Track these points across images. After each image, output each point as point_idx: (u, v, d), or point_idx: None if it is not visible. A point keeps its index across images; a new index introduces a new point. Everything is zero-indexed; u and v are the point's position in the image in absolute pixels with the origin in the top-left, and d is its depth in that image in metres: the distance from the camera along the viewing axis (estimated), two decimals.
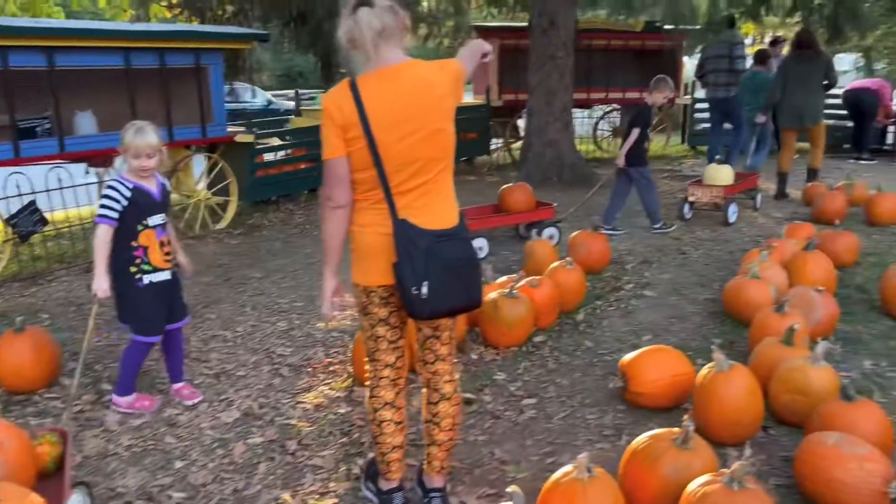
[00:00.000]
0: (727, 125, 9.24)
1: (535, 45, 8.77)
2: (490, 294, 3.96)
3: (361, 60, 2.17)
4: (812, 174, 7.83)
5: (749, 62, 9.25)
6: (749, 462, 2.14)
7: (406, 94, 2.16)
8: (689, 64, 12.70)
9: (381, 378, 2.43)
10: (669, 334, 4.11)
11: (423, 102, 2.18)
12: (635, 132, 6.19)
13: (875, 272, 4.92)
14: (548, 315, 4.14)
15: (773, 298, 3.92)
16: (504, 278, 4.45)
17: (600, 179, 6.99)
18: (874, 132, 10.91)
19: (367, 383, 2.48)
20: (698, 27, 7.07)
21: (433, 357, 2.42)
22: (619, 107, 12.13)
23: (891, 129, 11.01)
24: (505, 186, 6.27)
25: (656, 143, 12.83)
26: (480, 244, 5.68)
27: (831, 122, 11.37)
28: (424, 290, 2.13)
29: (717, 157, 7.53)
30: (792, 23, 8.39)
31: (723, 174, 6.83)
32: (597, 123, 12.54)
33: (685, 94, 12.13)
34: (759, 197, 7.39)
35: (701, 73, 9.41)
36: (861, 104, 10.48)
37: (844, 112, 10.81)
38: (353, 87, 2.16)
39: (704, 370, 2.96)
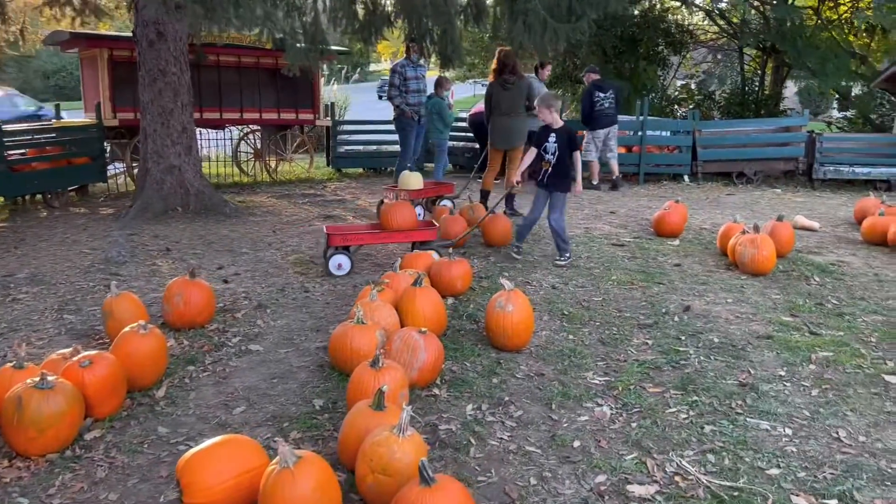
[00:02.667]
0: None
1: (143, 59, 7.64)
2: (15, 387, 2.93)
3: None
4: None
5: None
6: None
7: None
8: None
9: None
10: (268, 400, 3.48)
11: None
12: (532, 151, 5.91)
13: (486, 298, 4.92)
14: (108, 400, 3.21)
15: (380, 345, 3.53)
16: (55, 355, 3.43)
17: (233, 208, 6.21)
18: None
19: None
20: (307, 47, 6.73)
21: None
22: (258, 128, 11.47)
23: None
24: (386, 203, 6.01)
25: (299, 166, 12.44)
26: (341, 260, 5.63)
27: (461, 144, 12.13)
28: None
29: (409, 164, 8.22)
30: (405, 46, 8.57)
31: (413, 180, 7.15)
32: (237, 145, 11.72)
33: (326, 115, 11.92)
34: (450, 204, 7.73)
35: None
36: (483, 128, 11.30)
37: (471, 135, 11.54)
38: None
39: (270, 467, 2.36)
